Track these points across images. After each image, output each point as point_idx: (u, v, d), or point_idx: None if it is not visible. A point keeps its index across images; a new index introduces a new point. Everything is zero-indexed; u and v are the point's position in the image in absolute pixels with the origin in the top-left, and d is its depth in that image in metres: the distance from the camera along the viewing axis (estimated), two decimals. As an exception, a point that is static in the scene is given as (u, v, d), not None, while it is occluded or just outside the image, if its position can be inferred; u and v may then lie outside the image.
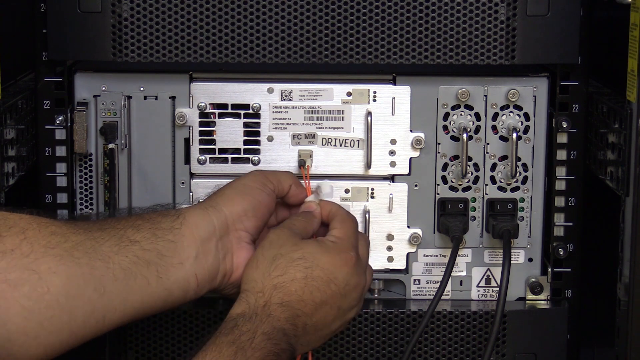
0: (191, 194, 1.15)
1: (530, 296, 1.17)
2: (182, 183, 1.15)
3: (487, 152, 1.14)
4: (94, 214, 1.15)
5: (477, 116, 1.14)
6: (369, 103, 1.13)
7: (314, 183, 1.14)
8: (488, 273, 1.17)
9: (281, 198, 1.08)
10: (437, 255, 1.16)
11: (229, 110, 1.14)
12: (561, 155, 1.14)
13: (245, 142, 1.14)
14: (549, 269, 1.16)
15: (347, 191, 1.15)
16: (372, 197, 1.15)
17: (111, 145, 1.12)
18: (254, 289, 0.98)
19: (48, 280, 0.89)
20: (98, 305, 0.92)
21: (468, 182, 1.15)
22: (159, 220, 0.99)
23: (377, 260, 1.16)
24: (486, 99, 1.13)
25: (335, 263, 1.01)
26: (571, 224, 1.15)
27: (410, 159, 1.15)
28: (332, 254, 1.01)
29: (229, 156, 1.14)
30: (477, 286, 1.17)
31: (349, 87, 1.13)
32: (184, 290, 0.98)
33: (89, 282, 0.91)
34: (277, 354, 0.95)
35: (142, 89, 1.13)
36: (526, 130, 1.14)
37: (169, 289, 0.97)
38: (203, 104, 1.13)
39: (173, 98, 1.13)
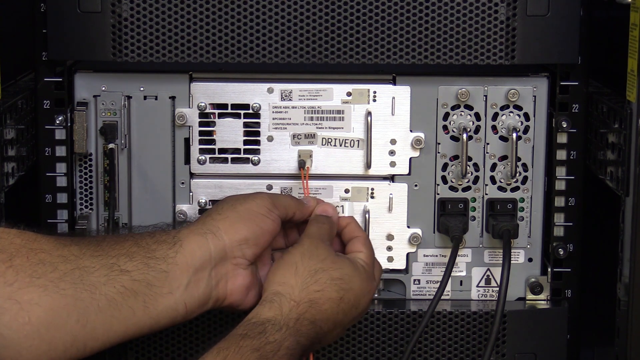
0: (191, 194, 1.15)
1: (530, 296, 1.17)
2: (182, 183, 1.15)
3: (487, 152, 1.14)
4: (93, 231, 1.13)
5: (477, 116, 1.14)
6: (369, 103, 1.13)
7: (314, 183, 1.14)
8: (488, 273, 1.17)
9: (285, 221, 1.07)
10: (437, 255, 1.16)
11: (229, 110, 1.14)
12: (561, 155, 1.14)
13: (245, 142, 1.14)
14: (549, 269, 1.16)
15: (347, 191, 1.15)
16: (372, 197, 1.15)
17: (111, 145, 1.12)
18: (290, 295, 0.97)
19: (30, 310, 0.88)
20: (80, 335, 0.91)
21: (468, 182, 1.15)
22: (154, 249, 0.97)
23: (377, 260, 1.15)
24: (486, 99, 1.13)
25: (364, 290, 1.02)
26: (571, 224, 1.15)
27: (410, 159, 1.15)
28: (364, 280, 1.02)
29: (229, 156, 1.14)
30: (477, 286, 1.17)
31: (349, 87, 1.13)
32: (171, 317, 0.97)
33: (72, 313, 0.91)
34: None
35: (142, 89, 1.13)
36: (526, 130, 1.14)
37: (155, 317, 0.96)
38: (203, 104, 1.13)
39: (173, 98, 1.13)
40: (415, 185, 1.15)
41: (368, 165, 1.14)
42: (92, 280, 0.92)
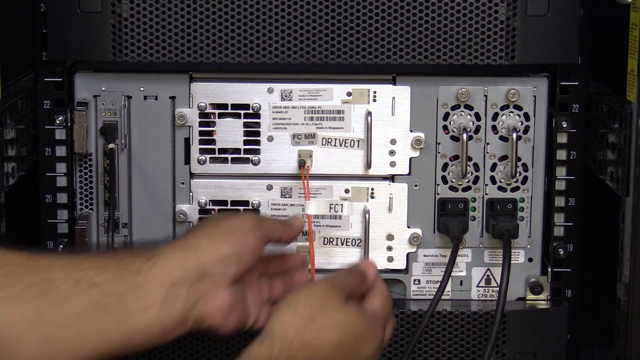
0: (191, 194, 1.15)
1: (530, 296, 1.17)
2: (182, 183, 1.15)
3: (487, 152, 1.14)
4: (78, 248, 1.11)
5: (477, 116, 1.14)
6: (369, 103, 1.13)
7: (314, 183, 1.14)
8: (488, 273, 1.17)
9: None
10: (437, 255, 1.16)
11: (229, 110, 1.14)
12: (561, 155, 1.14)
13: (245, 142, 1.14)
14: (549, 269, 1.16)
15: (347, 191, 1.15)
16: (372, 197, 1.15)
17: (111, 145, 1.12)
18: (283, 335, 0.91)
19: None
20: (45, 349, 0.88)
21: (468, 182, 1.15)
22: (128, 261, 0.94)
23: (377, 260, 1.15)
24: (486, 99, 1.13)
25: (367, 337, 0.95)
26: (571, 224, 1.15)
27: (410, 159, 1.15)
28: (370, 328, 0.96)
29: (229, 156, 1.14)
30: (477, 286, 1.17)
31: (349, 87, 1.13)
32: (145, 336, 0.92)
33: (35, 326, 0.88)
34: None
35: (142, 89, 1.13)
36: (526, 130, 1.14)
37: (128, 335, 0.91)
38: (203, 104, 1.13)
39: (173, 98, 1.13)
40: (416, 185, 1.15)
41: (368, 165, 1.14)
42: (60, 293, 0.89)
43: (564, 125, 1.12)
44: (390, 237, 1.16)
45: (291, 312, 0.92)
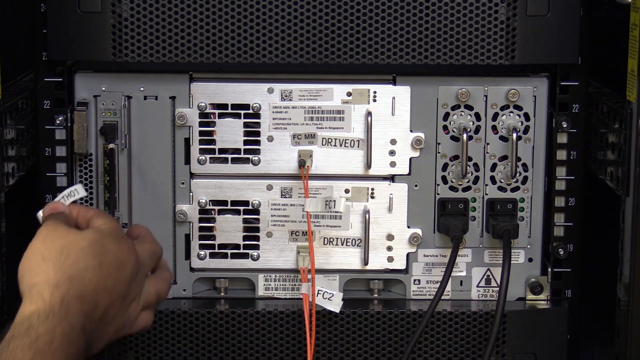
0: (191, 194, 1.15)
1: (530, 296, 1.17)
2: (182, 183, 1.15)
3: (487, 152, 1.14)
4: None
5: (477, 116, 1.14)
6: (369, 103, 1.13)
7: (314, 183, 1.14)
8: (488, 273, 1.17)
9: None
10: (437, 255, 1.16)
11: (229, 110, 1.14)
12: (561, 155, 1.14)
13: (246, 142, 1.14)
14: (549, 269, 1.16)
15: (347, 191, 1.15)
16: (372, 197, 1.15)
17: (111, 146, 1.12)
18: (47, 281, 0.90)
19: None
20: None
21: (468, 182, 1.15)
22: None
23: (377, 260, 1.16)
24: (486, 99, 1.13)
25: (121, 248, 0.96)
26: (571, 224, 1.15)
27: (410, 159, 1.15)
28: (117, 239, 0.96)
29: (229, 156, 1.14)
30: (477, 286, 1.17)
31: (349, 87, 1.13)
32: None
33: None
34: (76, 354, 0.89)
35: (142, 89, 1.13)
36: (526, 130, 1.14)
37: None
38: (203, 104, 1.13)
39: (173, 98, 1.13)
40: (416, 185, 1.15)
41: (368, 165, 1.14)
42: None
43: (564, 125, 1.12)
44: (390, 237, 1.16)
45: (39, 260, 0.92)
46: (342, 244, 1.16)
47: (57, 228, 0.95)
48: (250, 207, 1.15)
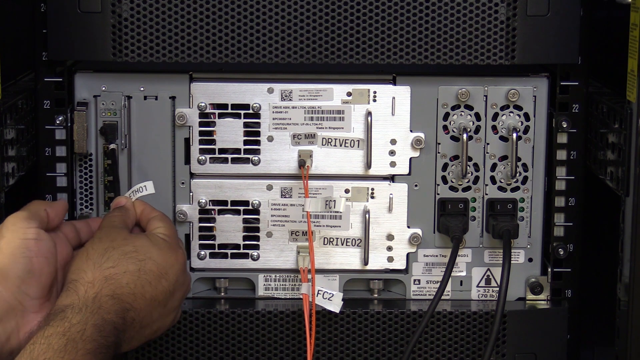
0: (191, 194, 1.15)
1: (530, 296, 1.17)
2: (182, 183, 1.15)
3: (487, 152, 1.14)
4: None
5: (477, 116, 1.14)
6: (369, 103, 1.13)
7: (314, 183, 1.14)
8: (488, 273, 1.17)
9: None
10: (437, 255, 1.16)
11: (229, 110, 1.14)
12: (561, 155, 1.14)
13: (246, 142, 1.14)
14: (549, 269, 1.16)
15: (347, 191, 1.15)
16: (372, 197, 1.15)
17: (112, 146, 1.12)
18: (84, 279, 0.95)
19: None
20: None
21: (468, 182, 1.15)
22: None
23: (377, 260, 1.16)
24: (486, 99, 1.13)
25: (167, 258, 1.00)
26: (571, 224, 1.15)
27: (410, 159, 1.15)
28: (164, 249, 1.01)
29: (229, 156, 1.14)
30: (477, 286, 1.17)
31: (349, 87, 1.13)
32: None
33: None
34: (107, 346, 0.92)
35: (142, 89, 1.13)
36: (526, 130, 1.14)
37: None
38: (203, 104, 1.13)
39: (173, 98, 1.13)
40: (416, 185, 1.15)
41: (368, 165, 1.14)
42: None
43: (564, 125, 1.12)
44: (390, 237, 1.16)
45: (84, 259, 0.97)
46: (342, 244, 1.16)
47: (110, 231, 1.01)
48: (250, 207, 1.15)
